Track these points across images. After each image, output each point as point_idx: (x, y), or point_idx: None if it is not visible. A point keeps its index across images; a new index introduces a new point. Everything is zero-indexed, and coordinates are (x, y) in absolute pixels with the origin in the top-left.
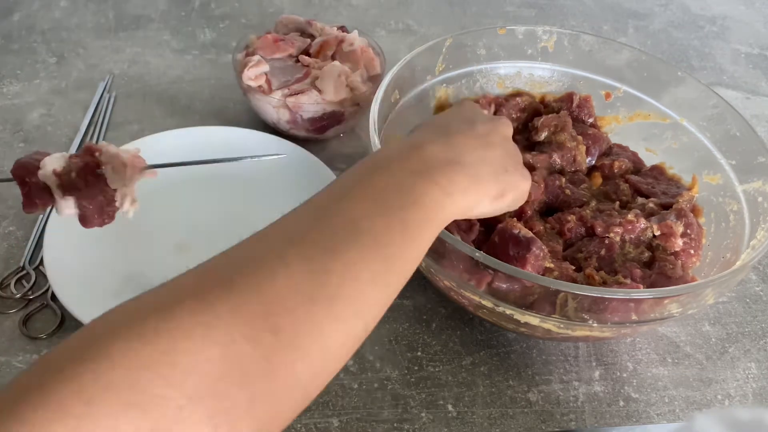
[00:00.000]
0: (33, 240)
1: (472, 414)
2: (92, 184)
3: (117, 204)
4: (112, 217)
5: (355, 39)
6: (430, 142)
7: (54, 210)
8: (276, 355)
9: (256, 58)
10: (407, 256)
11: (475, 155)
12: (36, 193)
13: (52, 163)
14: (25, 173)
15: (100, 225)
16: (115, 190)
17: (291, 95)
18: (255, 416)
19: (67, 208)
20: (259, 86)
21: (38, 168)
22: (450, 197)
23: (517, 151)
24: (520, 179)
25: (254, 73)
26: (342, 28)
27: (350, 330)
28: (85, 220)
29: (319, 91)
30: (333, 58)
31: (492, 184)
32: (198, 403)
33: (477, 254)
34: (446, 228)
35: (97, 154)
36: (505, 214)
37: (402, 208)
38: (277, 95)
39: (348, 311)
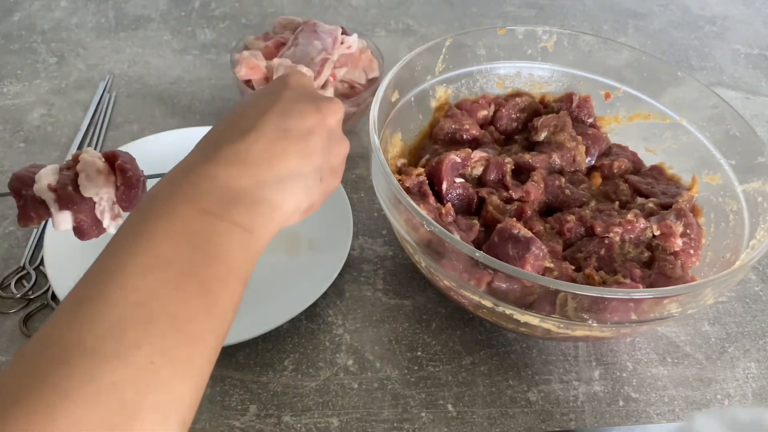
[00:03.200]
0: (33, 240)
1: (472, 414)
2: (84, 196)
3: (98, 216)
4: (106, 229)
5: (354, 41)
6: (221, 163)
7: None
8: None
9: (246, 53)
10: (215, 323)
11: (283, 169)
12: (32, 206)
13: (47, 177)
14: (21, 186)
15: (96, 236)
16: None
17: None
18: None
19: (64, 221)
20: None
21: (33, 181)
22: (252, 234)
23: (342, 145)
24: (332, 181)
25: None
26: (342, 29)
27: None
28: (81, 233)
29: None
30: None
31: (301, 202)
32: None
33: (477, 254)
34: (446, 228)
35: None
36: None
37: (199, 269)
38: None
39: (156, 422)
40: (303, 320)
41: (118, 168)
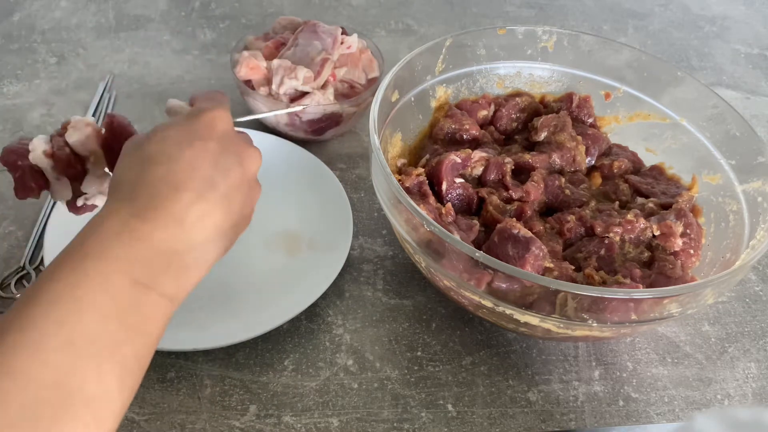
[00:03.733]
0: (33, 240)
1: (472, 414)
2: (78, 165)
3: (91, 185)
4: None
5: (354, 41)
6: (163, 227)
7: (51, 208)
8: None
9: (246, 53)
10: (125, 399)
11: (210, 226)
12: (30, 176)
13: (41, 145)
14: (15, 158)
15: (90, 210)
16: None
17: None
18: None
19: (63, 189)
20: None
21: (28, 151)
22: (175, 303)
23: (256, 189)
24: (245, 228)
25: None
26: (342, 29)
27: None
28: (75, 207)
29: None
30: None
31: (219, 257)
32: None
33: (477, 254)
34: (446, 228)
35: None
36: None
37: (122, 347)
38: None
39: None
40: (303, 320)
41: (107, 119)
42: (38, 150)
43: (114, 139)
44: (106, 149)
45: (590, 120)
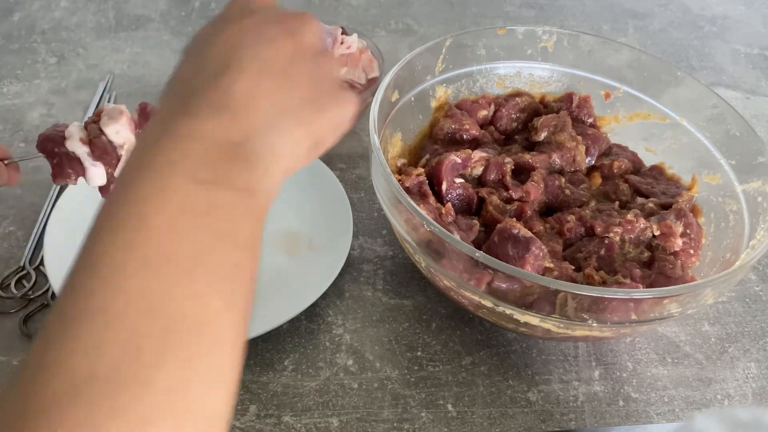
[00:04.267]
0: (33, 240)
1: (472, 414)
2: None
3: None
4: None
5: (354, 41)
6: (204, 116)
7: (51, 208)
8: None
9: None
10: (236, 318)
11: (272, 109)
12: (67, 163)
13: (78, 133)
14: (52, 145)
15: None
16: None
17: None
18: None
19: (98, 176)
20: None
21: (65, 138)
22: (255, 194)
23: (330, 61)
24: (340, 110)
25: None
26: (342, 29)
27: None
28: (107, 192)
29: None
30: None
31: (303, 142)
32: None
33: (477, 254)
34: (446, 228)
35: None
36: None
37: (207, 256)
38: None
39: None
40: (303, 320)
41: (140, 107)
42: (75, 137)
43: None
44: None
45: (590, 120)
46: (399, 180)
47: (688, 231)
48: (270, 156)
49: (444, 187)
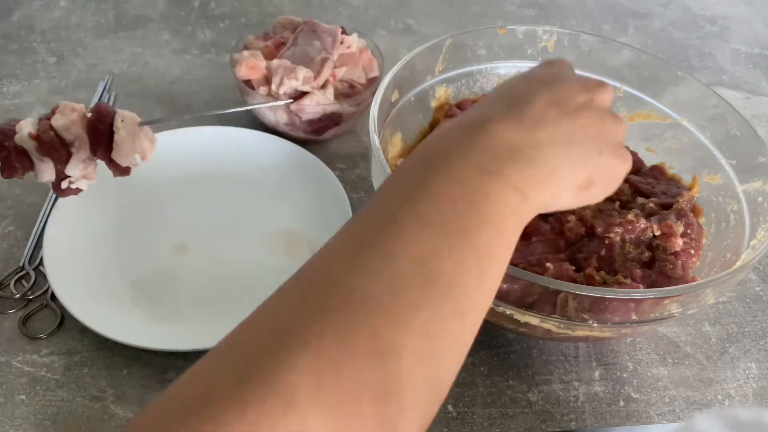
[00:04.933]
0: (33, 240)
1: (472, 414)
2: (62, 148)
3: (75, 167)
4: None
5: (354, 41)
6: (497, 119)
7: (51, 208)
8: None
9: (246, 53)
10: (484, 297)
11: (558, 132)
12: (15, 156)
13: (27, 127)
14: (2, 138)
15: (75, 194)
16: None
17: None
18: None
19: (46, 171)
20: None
21: (15, 132)
22: (526, 199)
23: (618, 125)
24: (617, 163)
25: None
26: (342, 29)
27: (429, 415)
28: (59, 189)
29: None
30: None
31: (578, 172)
32: None
33: None
34: None
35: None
36: None
37: (473, 233)
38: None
39: (422, 399)
40: None
41: (96, 107)
42: (24, 131)
43: (99, 124)
44: (91, 134)
45: None
46: None
47: (688, 231)
48: (546, 170)
49: None
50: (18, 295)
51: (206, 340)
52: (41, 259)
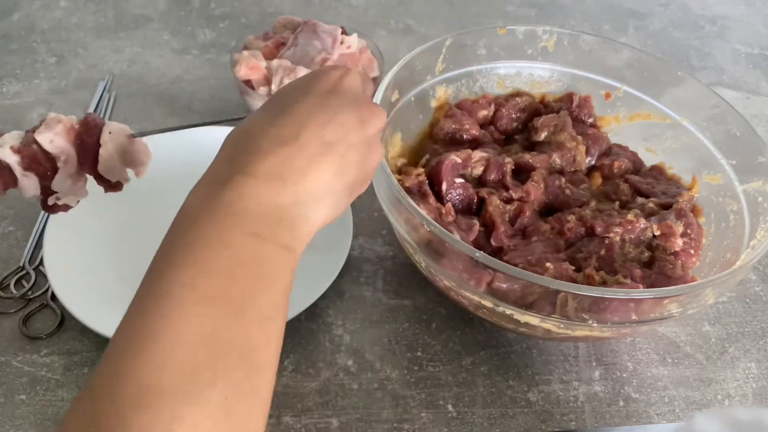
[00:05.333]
0: (33, 240)
1: (472, 414)
2: (47, 163)
3: (62, 183)
4: (70, 205)
5: (354, 41)
6: (265, 179)
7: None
8: None
9: (246, 53)
10: (274, 349)
11: (321, 185)
12: None
13: (11, 140)
14: None
15: (64, 210)
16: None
17: None
18: None
19: (30, 186)
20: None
21: None
22: (295, 255)
23: (376, 149)
24: (363, 189)
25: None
26: (342, 29)
27: None
28: (47, 206)
29: None
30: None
31: (331, 216)
32: None
33: (477, 254)
34: (446, 228)
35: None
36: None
37: (256, 298)
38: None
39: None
40: (303, 320)
41: (84, 119)
42: (6, 146)
43: (87, 137)
44: (78, 148)
45: (590, 120)
46: (399, 180)
47: (688, 231)
48: (306, 223)
49: (444, 187)
50: (18, 295)
51: None
52: (41, 259)
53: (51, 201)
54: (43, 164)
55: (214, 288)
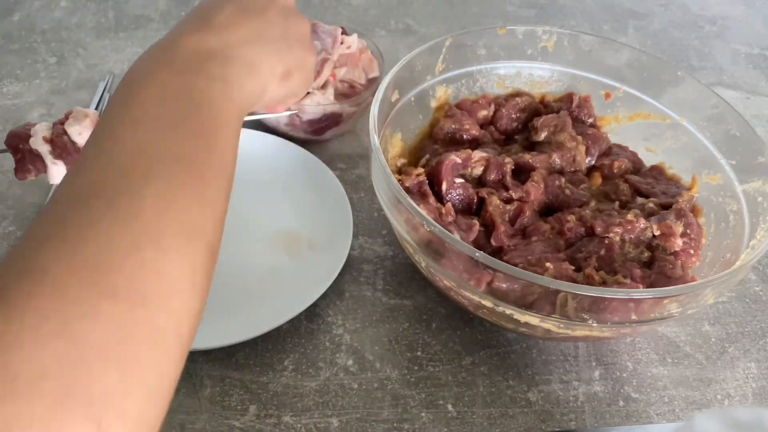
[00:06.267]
0: None
1: (472, 414)
2: (74, 152)
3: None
4: None
5: (354, 41)
6: (188, 34)
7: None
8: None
9: None
10: (217, 161)
11: (248, 33)
12: (29, 159)
13: (42, 131)
14: (18, 141)
15: None
16: None
17: None
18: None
19: (59, 173)
20: None
21: (30, 135)
22: (233, 87)
23: (301, 22)
24: (306, 54)
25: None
26: (342, 29)
27: (194, 260)
28: None
29: None
30: None
31: (275, 65)
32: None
33: (477, 254)
34: (446, 228)
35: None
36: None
37: (188, 116)
38: None
39: (181, 243)
40: (303, 320)
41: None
42: (39, 135)
43: None
44: None
45: (590, 120)
46: (399, 180)
47: (688, 231)
48: (245, 64)
49: (444, 187)
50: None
51: (206, 340)
52: None
53: None
54: (72, 154)
55: (143, 112)
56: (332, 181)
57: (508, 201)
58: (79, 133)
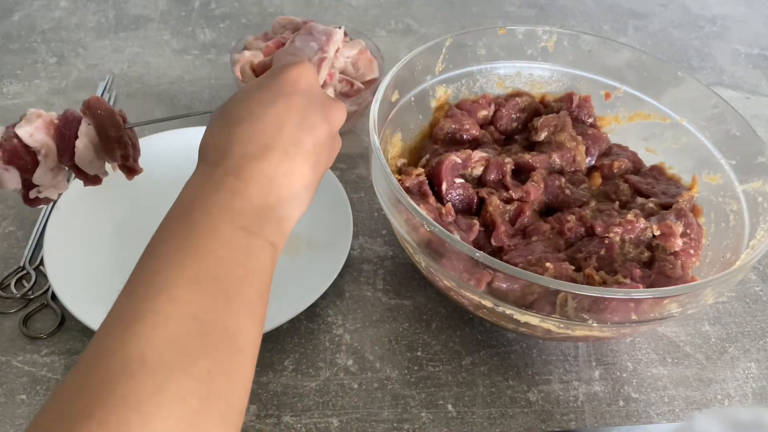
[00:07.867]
0: (33, 240)
1: (472, 414)
2: (27, 157)
3: (43, 176)
4: (49, 200)
5: (339, 36)
6: (254, 182)
7: (51, 208)
8: None
9: (246, 53)
10: (257, 333)
11: (300, 186)
12: None
13: None
14: None
15: (46, 203)
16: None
17: None
18: None
19: (11, 179)
20: None
21: None
22: (278, 250)
23: (338, 142)
24: (333, 157)
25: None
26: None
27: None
28: (28, 199)
29: None
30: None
31: (305, 209)
32: None
33: (477, 254)
34: (446, 228)
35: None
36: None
37: (243, 284)
38: None
39: (219, 430)
40: (303, 320)
41: (64, 113)
42: None
43: (65, 130)
44: (58, 141)
45: (590, 120)
46: (399, 180)
47: (688, 231)
48: (288, 221)
49: (444, 187)
50: (18, 295)
51: None
52: (41, 259)
53: (32, 194)
54: (23, 158)
55: (203, 270)
56: (332, 181)
57: (508, 201)
58: (31, 135)
